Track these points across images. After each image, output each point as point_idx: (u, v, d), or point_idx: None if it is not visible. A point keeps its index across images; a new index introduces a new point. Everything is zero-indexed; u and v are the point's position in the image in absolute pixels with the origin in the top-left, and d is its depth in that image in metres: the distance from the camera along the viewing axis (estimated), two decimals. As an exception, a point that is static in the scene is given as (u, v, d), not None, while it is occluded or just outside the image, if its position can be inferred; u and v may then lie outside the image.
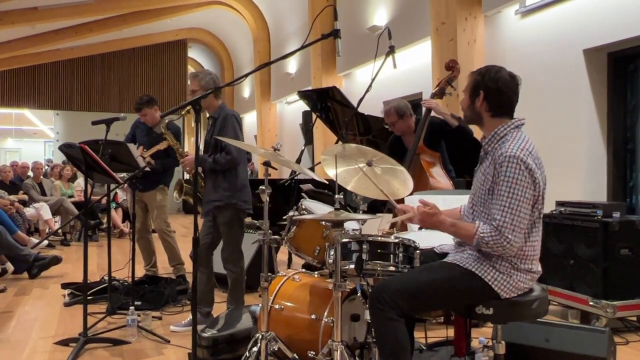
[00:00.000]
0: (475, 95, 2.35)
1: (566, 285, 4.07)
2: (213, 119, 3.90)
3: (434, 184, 3.94)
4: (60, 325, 4.16)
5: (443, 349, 3.12)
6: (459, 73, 4.15)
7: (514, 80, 2.33)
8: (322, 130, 9.38)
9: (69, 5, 11.66)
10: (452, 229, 2.32)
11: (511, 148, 2.21)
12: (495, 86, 2.30)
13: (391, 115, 4.19)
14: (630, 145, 5.07)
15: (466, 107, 2.41)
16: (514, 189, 2.17)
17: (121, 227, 9.31)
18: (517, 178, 2.17)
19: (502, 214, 2.17)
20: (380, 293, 2.24)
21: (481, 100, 2.33)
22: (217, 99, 3.90)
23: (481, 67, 2.40)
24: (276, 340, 2.71)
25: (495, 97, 2.31)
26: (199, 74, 3.89)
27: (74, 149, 3.65)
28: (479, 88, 2.34)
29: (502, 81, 2.30)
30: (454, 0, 6.11)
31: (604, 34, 4.88)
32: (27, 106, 15.59)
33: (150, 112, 5.03)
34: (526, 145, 2.24)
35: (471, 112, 2.40)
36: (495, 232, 2.17)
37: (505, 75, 2.32)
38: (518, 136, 2.28)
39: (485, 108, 2.34)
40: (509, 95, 2.32)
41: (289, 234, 2.98)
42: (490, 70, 2.34)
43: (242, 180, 3.87)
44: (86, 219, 4.27)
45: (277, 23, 13.21)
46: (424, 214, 2.32)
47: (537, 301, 2.31)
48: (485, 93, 2.32)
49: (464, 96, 2.42)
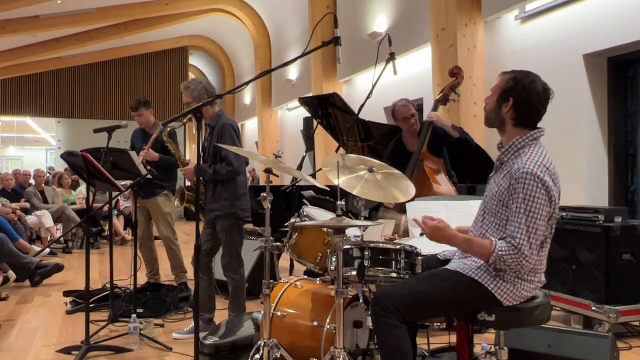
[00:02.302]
0: (504, 100, 2.27)
1: (568, 291, 4.06)
2: (210, 127, 3.89)
3: (437, 189, 3.94)
4: (62, 333, 4.15)
5: (445, 355, 3.11)
6: (462, 79, 4.14)
7: (546, 92, 2.26)
8: (323, 136, 9.39)
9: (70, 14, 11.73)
10: (464, 245, 2.27)
11: (528, 163, 2.16)
12: (527, 97, 2.22)
13: (411, 108, 4.17)
14: (631, 149, 5.07)
15: (491, 110, 2.33)
16: (531, 206, 2.14)
17: (123, 234, 9.31)
18: (533, 195, 2.14)
19: (520, 232, 2.14)
20: (382, 300, 2.24)
21: (509, 107, 2.26)
22: (213, 106, 3.90)
23: (516, 71, 2.30)
24: (278, 347, 2.71)
25: (524, 107, 2.24)
26: (190, 85, 3.87)
27: (75, 156, 3.66)
28: (509, 94, 2.25)
29: (534, 92, 2.23)
30: (453, 6, 6.13)
31: (604, 39, 4.89)
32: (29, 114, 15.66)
33: (145, 113, 5.06)
34: (543, 160, 2.19)
35: (495, 116, 2.32)
36: (513, 250, 2.14)
37: (539, 87, 2.24)
38: (536, 150, 2.23)
39: (511, 116, 2.27)
40: (538, 108, 2.25)
41: (290, 240, 2.98)
42: (525, 78, 2.25)
43: (241, 189, 3.87)
44: (88, 227, 4.28)
45: (277, 30, 13.25)
46: (433, 228, 2.28)
47: (539, 307, 2.30)
48: (514, 101, 2.24)
49: (491, 96, 2.34)
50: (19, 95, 15.04)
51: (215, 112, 3.90)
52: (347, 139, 4.19)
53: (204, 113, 3.84)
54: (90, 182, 3.78)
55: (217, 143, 3.70)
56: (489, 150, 4.79)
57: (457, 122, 5.99)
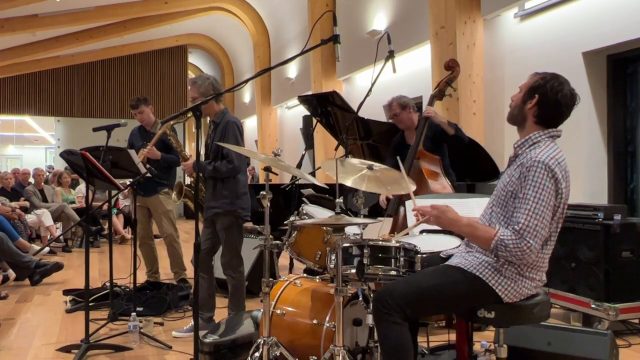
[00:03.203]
0: (529, 97, 2.29)
1: (568, 288, 4.06)
2: (214, 123, 3.89)
3: (434, 187, 3.93)
4: (62, 332, 4.16)
5: (445, 353, 3.12)
6: (458, 73, 4.11)
7: (573, 97, 2.28)
8: (322, 134, 9.40)
9: (69, 12, 11.72)
10: (468, 228, 2.28)
11: (541, 154, 2.18)
12: (555, 97, 2.25)
13: (393, 107, 4.14)
14: (631, 147, 5.07)
15: (515, 105, 2.35)
16: (540, 194, 2.14)
17: (122, 233, 9.31)
18: (542, 184, 2.15)
19: (526, 217, 2.14)
20: (384, 297, 2.24)
21: (533, 104, 2.27)
22: (219, 103, 3.89)
23: (547, 72, 2.33)
24: (278, 345, 2.71)
25: (548, 106, 2.26)
26: (197, 80, 3.86)
27: (75, 155, 3.66)
28: (536, 92, 2.27)
29: (562, 94, 2.25)
30: (453, 4, 6.12)
31: (603, 36, 4.88)
32: (28, 113, 15.65)
33: (146, 110, 5.07)
34: (557, 155, 2.21)
35: (518, 111, 2.33)
36: (516, 236, 2.14)
37: (567, 91, 2.26)
38: (551, 146, 2.25)
39: (534, 113, 2.28)
40: (562, 111, 2.27)
41: (290, 239, 2.97)
42: (555, 79, 2.28)
43: (242, 187, 3.86)
44: (87, 226, 4.27)
45: (277, 28, 13.24)
46: (439, 211, 2.31)
47: (539, 305, 2.31)
48: (540, 98, 2.26)
49: (518, 93, 2.36)
50: (18, 94, 15.03)
51: (221, 109, 3.89)
52: (346, 137, 4.19)
53: (208, 110, 3.85)
54: (90, 181, 3.78)
55: (221, 140, 3.70)
56: (489, 149, 4.80)
57: (457, 120, 5.99)
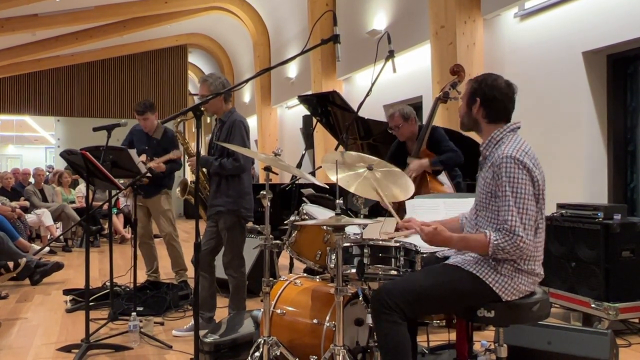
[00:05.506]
0: (472, 102, 2.42)
1: (568, 288, 4.07)
2: (221, 121, 3.89)
3: (435, 187, 3.94)
4: (62, 331, 4.16)
5: (445, 353, 3.12)
6: (463, 78, 4.13)
7: (510, 87, 2.40)
8: (322, 134, 9.39)
9: (69, 12, 11.71)
10: (461, 243, 2.31)
11: (507, 149, 2.27)
12: (492, 94, 2.37)
13: (395, 119, 4.18)
14: (631, 146, 5.07)
15: (463, 114, 2.48)
16: (516, 187, 2.21)
17: (122, 232, 9.31)
18: (517, 177, 2.22)
19: (511, 214, 2.19)
20: (383, 296, 2.24)
21: (477, 107, 2.39)
22: (227, 102, 3.90)
23: (479, 75, 2.47)
24: (278, 344, 2.71)
25: (491, 104, 2.37)
26: (209, 79, 3.85)
27: (75, 155, 3.66)
28: (475, 95, 2.40)
29: (498, 89, 2.37)
30: (453, 4, 6.12)
31: (603, 36, 4.88)
32: (28, 113, 15.64)
33: (151, 118, 5.07)
34: (522, 146, 2.29)
35: (468, 119, 2.46)
36: (508, 235, 2.18)
37: (502, 83, 2.38)
38: (514, 139, 2.34)
39: (482, 115, 2.40)
40: (505, 103, 2.39)
41: (290, 238, 2.98)
42: (487, 78, 2.40)
43: (246, 187, 3.86)
44: (87, 225, 4.27)
45: (277, 28, 13.24)
46: (429, 235, 2.32)
47: (538, 304, 2.31)
48: (481, 100, 2.38)
49: (462, 103, 2.49)
50: (18, 93, 15.02)
51: (229, 108, 3.90)
52: (346, 137, 4.20)
53: (216, 109, 3.86)
54: (90, 181, 3.78)
55: (227, 139, 3.71)
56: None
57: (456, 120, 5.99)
